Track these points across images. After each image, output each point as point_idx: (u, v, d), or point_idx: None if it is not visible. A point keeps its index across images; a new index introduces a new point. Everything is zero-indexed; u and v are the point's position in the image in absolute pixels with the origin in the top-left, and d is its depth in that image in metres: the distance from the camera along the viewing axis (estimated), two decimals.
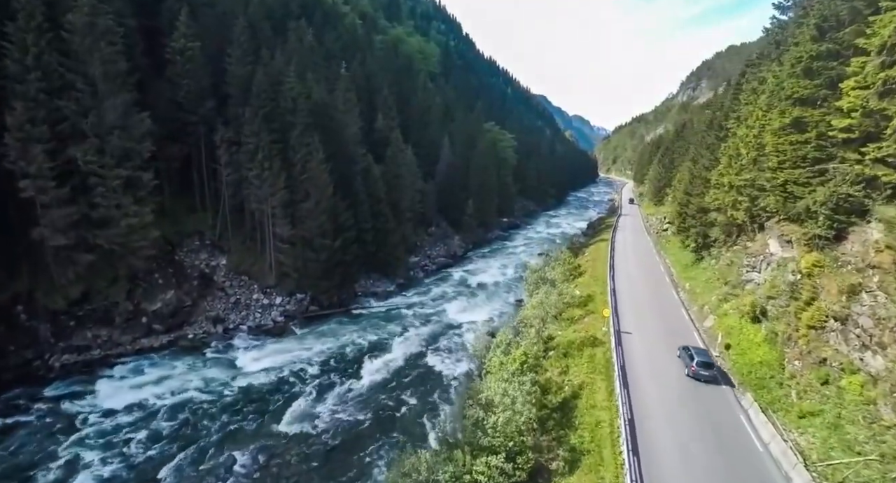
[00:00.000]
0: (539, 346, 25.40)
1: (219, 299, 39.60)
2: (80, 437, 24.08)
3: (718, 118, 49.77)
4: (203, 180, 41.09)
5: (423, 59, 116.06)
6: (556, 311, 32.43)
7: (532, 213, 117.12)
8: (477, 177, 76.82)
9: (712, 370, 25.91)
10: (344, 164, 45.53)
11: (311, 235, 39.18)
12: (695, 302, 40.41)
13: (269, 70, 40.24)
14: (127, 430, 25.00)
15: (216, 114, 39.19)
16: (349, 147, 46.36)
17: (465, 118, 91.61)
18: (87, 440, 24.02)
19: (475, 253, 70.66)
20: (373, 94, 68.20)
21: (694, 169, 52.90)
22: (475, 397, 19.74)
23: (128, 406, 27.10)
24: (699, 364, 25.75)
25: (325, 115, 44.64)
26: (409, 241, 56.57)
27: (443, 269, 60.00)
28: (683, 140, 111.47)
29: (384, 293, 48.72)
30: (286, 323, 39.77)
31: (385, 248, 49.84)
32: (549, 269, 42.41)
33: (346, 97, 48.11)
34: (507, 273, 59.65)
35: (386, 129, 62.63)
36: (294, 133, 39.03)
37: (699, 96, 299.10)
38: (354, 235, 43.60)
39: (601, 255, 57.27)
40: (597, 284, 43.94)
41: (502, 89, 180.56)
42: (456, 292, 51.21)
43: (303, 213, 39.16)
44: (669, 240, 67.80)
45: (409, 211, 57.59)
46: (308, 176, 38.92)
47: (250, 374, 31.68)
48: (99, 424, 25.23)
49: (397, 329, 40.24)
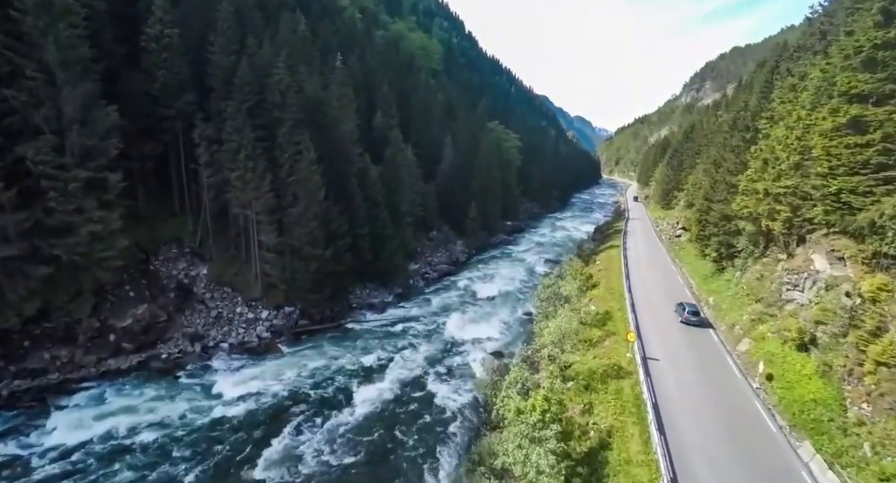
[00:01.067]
0: (560, 385, 21.63)
1: (198, 313, 35.88)
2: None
3: (744, 118, 46.03)
4: (182, 182, 37.36)
5: (424, 55, 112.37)
6: (576, 337, 28.72)
7: (536, 215, 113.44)
8: (480, 178, 73.10)
9: (699, 317, 34.86)
10: (338, 164, 41.82)
11: (299, 244, 35.47)
12: (721, 320, 36.73)
13: (256, 60, 36.51)
14: (77, 478, 21.27)
15: (196, 108, 35.47)
16: (344, 146, 42.66)
17: (469, 117, 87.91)
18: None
19: (478, 258, 66.96)
20: (371, 90, 64.48)
21: (716, 173, 49.17)
22: (486, 460, 16.07)
23: (81, 444, 23.38)
24: (690, 312, 34.71)
25: (317, 111, 40.93)
26: (408, 246, 52.87)
27: (444, 277, 56.29)
28: (693, 141, 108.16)
29: (381, 305, 44.99)
30: (272, 340, 36.03)
31: (383, 256, 46.13)
32: (563, 283, 38.59)
33: (341, 92, 44.37)
34: (513, 281, 55.94)
35: (385, 128, 58.93)
36: (282, 130, 35.31)
37: (703, 97, 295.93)
38: (349, 243, 39.88)
39: (614, 264, 53.56)
40: (613, 298, 40.23)
41: (505, 88, 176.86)
42: (459, 303, 47.49)
43: (291, 218, 35.45)
44: (684, 247, 64.16)
45: (409, 215, 53.88)
46: (297, 178, 35.19)
47: (228, 403, 27.94)
48: (41, 469, 21.50)
49: (395, 347, 36.53)
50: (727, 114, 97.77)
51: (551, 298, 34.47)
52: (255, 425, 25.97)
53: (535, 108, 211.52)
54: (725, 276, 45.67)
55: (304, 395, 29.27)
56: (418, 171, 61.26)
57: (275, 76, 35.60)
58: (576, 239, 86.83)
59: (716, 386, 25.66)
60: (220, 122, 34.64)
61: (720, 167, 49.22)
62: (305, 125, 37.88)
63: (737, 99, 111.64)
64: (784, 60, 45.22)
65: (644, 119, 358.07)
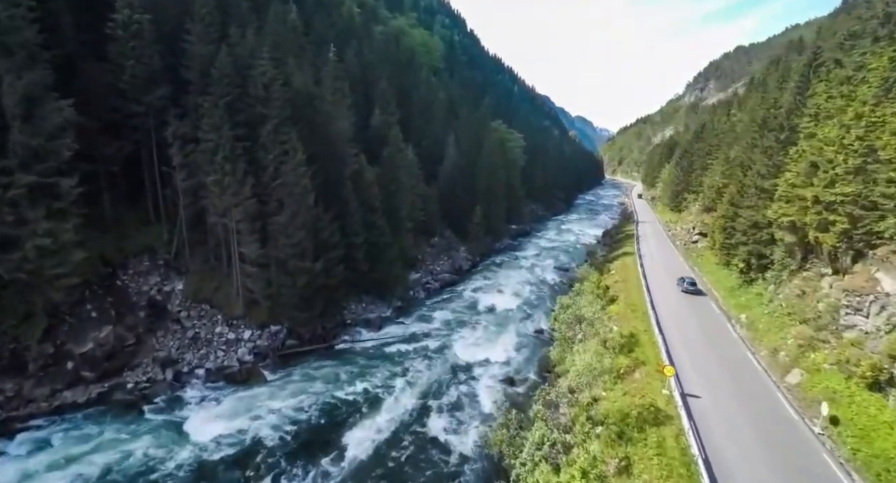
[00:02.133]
0: (597, 449, 17.59)
1: (172, 334, 31.88)
2: None
3: (778, 116, 41.97)
4: (156, 186, 33.34)
5: (426, 52, 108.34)
6: (600, 365, 24.68)
7: (541, 218, 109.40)
8: (485, 180, 69.06)
9: (696, 287, 42.76)
10: (330, 166, 37.82)
11: (285, 256, 31.46)
12: (759, 342, 32.71)
13: (238, 51, 32.51)
14: None
15: (170, 104, 31.45)
16: (337, 146, 38.65)
17: (472, 116, 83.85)
18: None
19: (483, 266, 62.92)
20: (369, 86, 60.52)
21: (743, 177, 45.12)
22: None
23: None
24: (689, 283, 43.01)
25: (308, 107, 36.93)
26: (408, 255, 48.86)
27: (447, 288, 52.26)
28: (703, 142, 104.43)
29: (378, 320, 40.94)
30: (255, 365, 32.00)
31: (380, 266, 42.11)
32: (583, 302, 34.59)
33: (335, 87, 40.35)
34: (521, 292, 51.89)
35: (383, 126, 54.94)
36: (266, 128, 31.29)
37: (707, 97, 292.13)
38: (341, 254, 35.86)
39: (630, 274, 49.51)
40: (636, 316, 36.19)
41: (508, 87, 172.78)
42: (463, 319, 43.45)
43: (275, 227, 31.43)
44: (702, 254, 60.18)
45: (409, 220, 49.88)
46: (282, 182, 31.19)
47: (198, 445, 23.93)
48: None
49: (393, 372, 32.52)
50: (743, 113, 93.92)
51: (572, 322, 30.38)
52: (226, 476, 21.98)
53: (537, 108, 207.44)
54: (755, 289, 41.70)
55: (287, 435, 25.25)
56: (419, 172, 57.34)
57: (258, 68, 31.57)
58: (584, 244, 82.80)
59: (772, 432, 21.63)
60: (196, 120, 30.62)
61: (748, 170, 45.17)
62: (293, 123, 33.89)
63: (749, 97, 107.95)
64: (824, 52, 41.00)
65: (647, 119, 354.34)
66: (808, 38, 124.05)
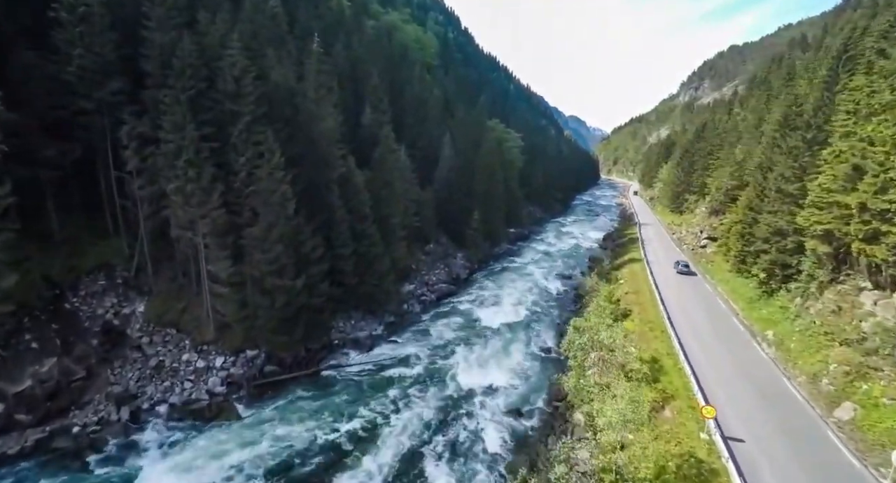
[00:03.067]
0: None
1: (131, 364, 27.81)
2: None
3: (804, 114, 38.66)
4: (113, 194, 29.20)
5: (419, 49, 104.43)
6: (623, 398, 21.04)
7: (539, 220, 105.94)
8: (483, 182, 65.34)
9: (689, 269, 50.35)
10: (314, 170, 33.92)
11: (260, 273, 27.50)
12: (793, 365, 29.30)
13: (204, 38, 28.48)
14: None
15: (127, 99, 27.34)
16: (322, 147, 34.73)
17: (468, 114, 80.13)
18: None
19: (481, 273, 59.24)
20: (359, 83, 56.55)
21: (763, 180, 41.82)
22: None
23: None
24: (683, 266, 50.54)
25: (288, 104, 32.97)
26: (401, 265, 45.01)
27: (444, 299, 48.48)
28: (705, 141, 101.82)
29: (369, 340, 37.10)
30: (227, 397, 28.05)
31: (370, 279, 38.24)
32: (594, 319, 31.00)
33: (319, 82, 36.38)
34: (523, 303, 48.23)
35: (374, 126, 51.03)
36: (237, 127, 27.30)
37: (702, 96, 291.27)
38: (326, 269, 31.97)
39: (641, 283, 46.06)
40: (654, 335, 32.72)
41: (504, 85, 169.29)
42: (462, 335, 39.72)
43: (249, 241, 27.47)
44: (712, 260, 56.96)
45: (402, 227, 46.01)
46: (256, 188, 27.24)
47: None
48: None
49: (384, 404, 28.70)
50: (746, 111, 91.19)
51: (588, 349, 26.71)
52: None
53: (533, 107, 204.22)
54: (777, 301, 38.44)
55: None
56: (413, 175, 53.50)
57: (227, 58, 27.55)
58: (585, 248, 79.51)
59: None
60: (157, 118, 26.56)
61: (768, 172, 41.87)
62: (271, 121, 29.92)
63: (751, 96, 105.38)
64: (854, 43, 37.76)
65: (642, 118, 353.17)
66: (795, 37, 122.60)
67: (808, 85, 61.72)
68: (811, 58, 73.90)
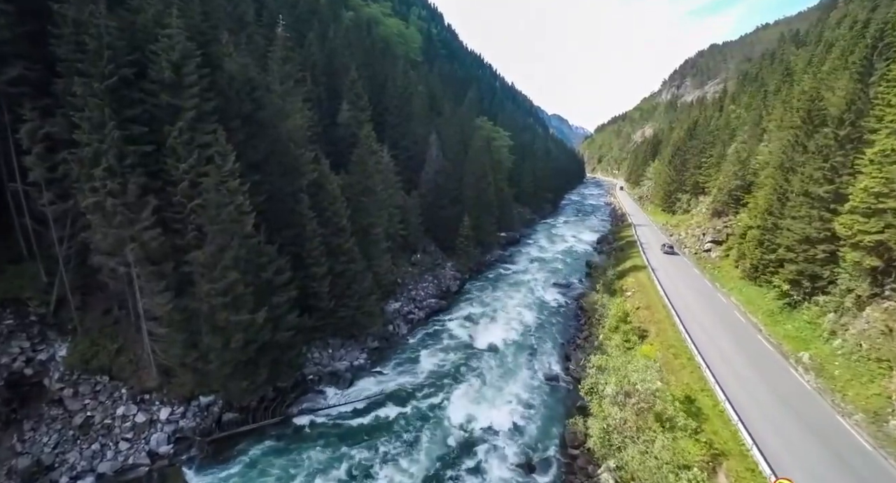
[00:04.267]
0: None
1: (47, 425, 22.14)
2: None
3: (828, 109, 34.89)
4: (23, 210, 23.37)
5: (402, 43, 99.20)
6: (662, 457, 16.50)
7: (529, 222, 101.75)
8: (473, 185, 60.58)
9: (673, 250, 60.03)
10: (280, 176, 28.61)
11: (211, 308, 22.13)
12: (843, 396, 25.36)
13: (136, 16, 22.90)
14: None
15: (33, 92, 21.62)
16: (289, 149, 29.40)
17: (456, 112, 75.26)
18: None
19: (474, 284, 54.49)
20: (336, 77, 51.21)
21: (786, 182, 37.99)
22: None
23: None
24: (668, 247, 60.61)
25: (247, 98, 27.56)
26: (385, 281, 39.93)
27: (434, 316, 43.57)
28: (697, 139, 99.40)
29: (350, 372, 31.96)
30: (175, 459, 22.64)
31: (350, 301, 33.08)
32: (613, 349, 26.48)
33: (285, 72, 30.99)
34: (521, 319, 43.68)
35: (353, 124, 45.81)
36: (177, 126, 21.83)
37: (685, 94, 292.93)
38: (294, 296, 26.71)
39: (652, 297, 41.87)
40: (681, 364, 28.41)
41: (490, 82, 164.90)
42: (456, 361, 34.90)
43: (195, 268, 22.06)
44: (718, 265, 53.37)
45: (386, 238, 40.94)
46: (204, 202, 21.85)
47: None
48: None
49: (368, 459, 23.68)
50: (740, 108, 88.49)
51: (616, 395, 22.09)
52: None
53: (519, 105, 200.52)
54: (803, 315, 34.78)
55: None
56: (397, 178, 48.40)
57: (163, 41, 22.05)
58: (580, 252, 75.53)
59: None
60: (70, 115, 20.91)
61: (789, 172, 38.08)
62: (224, 119, 24.54)
63: (743, 92, 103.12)
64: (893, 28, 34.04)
65: (625, 116, 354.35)
66: (785, 33, 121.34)
67: (813, 79, 58.95)
68: (811, 52, 71.17)
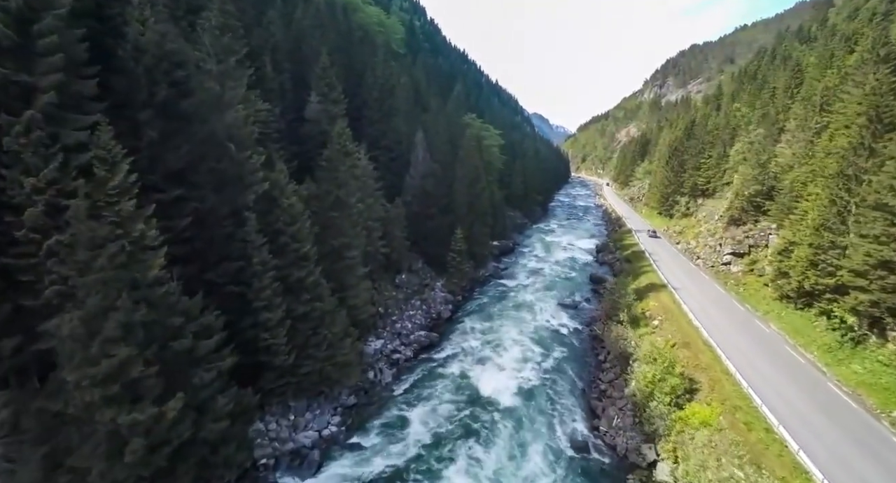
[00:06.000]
0: None
1: None
2: None
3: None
4: None
5: (382, 32, 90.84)
6: None
7: (521, 227, 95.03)
8: (465, 190, 53.06)
9: (656, 234, 71.86)
10: (213, 190, 20.46)
11: (85, 406, 13.97)
12: None
13: None
14: None
15: None
16: (228, 152, 21.24)
17: (442, 108, 67.53)
18: None
19: (468, 307, 47.04)
20: (303, 64, 42.97)
21: (841, 191, 31.71)
22: None
23: None
24: (651, 233, 72.79)
25: (163, 79, 19.31)
26: (364, 315, 32.02)
27: (424, 354, 35.94)
28: (696, 139, 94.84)
29: (317, 448, 24.00)
30: None
31: (318, 351, 25.16)
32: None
33: (222, 46, 22.75)
34: (529, 353, 36.54)
35: (324, 119, 37.74)
36: (24, 117, 13.60)
37: (667, 93, 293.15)
38: (231, 364, 18.63)
39: (684, 329, 35.12)
40: (758, 439, 21.42)
41: (476, 78, 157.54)
42: (456, 422, 27.34)
43: (58, 346, 13.85)
44: (743, 282, 47.40)
45: (364, 261, 33.08)
46: (70, 238, 13.67)
47: None
48: None
49: None
50: (747, 107, 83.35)
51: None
52: None
53: (505, 103, 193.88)
54: (874, 353, 28.75)
55: None
56: (377, 185, 40.50)
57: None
58: (581, 262, 68.94)
59: None
60: None
61: (852, 182, 31.78)
62: (119, 106, 16.32)
63: (742, 90, 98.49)
64: None
65: (608, 115, 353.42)
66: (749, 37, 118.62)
67: (838, 74, 53.54)
68: (822, 47, 66.10)
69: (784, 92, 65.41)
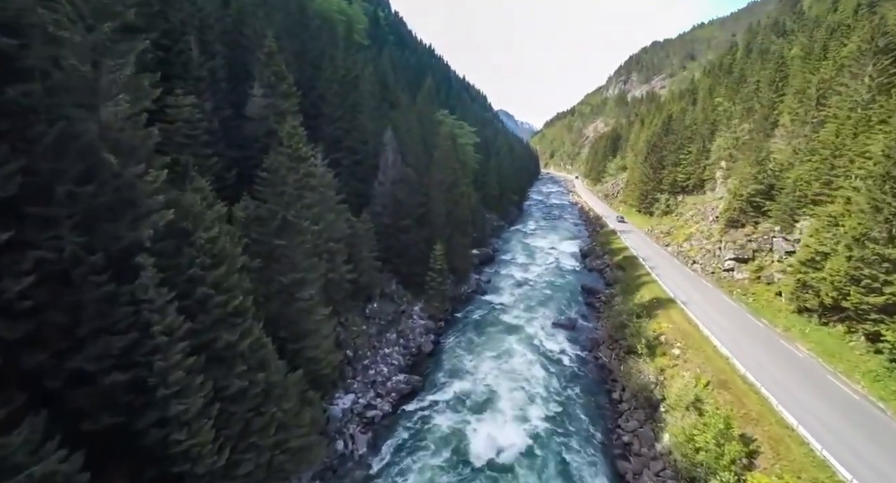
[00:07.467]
0: None
1: None
2: None
3: None
4: None
5: (344, 21, 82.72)
6: None
7: (498, 230, 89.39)
8: (442, 197, 46.46)
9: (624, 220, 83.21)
10: (76, 228, 13.00)
11: None
12: None
13: None
14: None
15: None
16: (102, 167, 13.81)
17: (412, 104, 60.51)
18: None
19: (451, 335, 40.58)
20: (243, 50, 35.16)
21: (883, 193, 27.28)
22: None
23: None
24: (619, 219, 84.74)
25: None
26: (326, 368, 24.89)
27: (405, 405, 29.21)
28: (675, 134, 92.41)
29: None
30: None
31: (261, 439, 18.01)
32: None
33: (88, 6, 15.24)
34: (530, 395, 30.55)
35: (270, 117, 30.20)
36: None
37: (632, 89, 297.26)
38: None
39: (713, 360, 29.97)
40: None
41: (445, 73, 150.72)
42: None
43: None
44: (751, 291, 43.30)
45: (325, 298, 25.95)
46: None
47: None
48: None
49: None
50: (731, 102, 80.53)
51: None
52: None
53: (474, 99, 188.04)
54: None
55: None
56: (339, 197, 33.23)
57: None
58: (568, 268, 63.97)
59: None
60: None
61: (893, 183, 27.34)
62: None
63: (718, 84, 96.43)
64: None
65: (573, 111, 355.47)
66: (716, 33, 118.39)
67: (833, 65, 50.46)
68: (809, 37, 63.61)
69: (769, 86, 62.38)
